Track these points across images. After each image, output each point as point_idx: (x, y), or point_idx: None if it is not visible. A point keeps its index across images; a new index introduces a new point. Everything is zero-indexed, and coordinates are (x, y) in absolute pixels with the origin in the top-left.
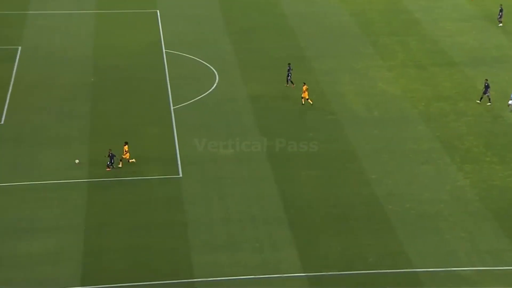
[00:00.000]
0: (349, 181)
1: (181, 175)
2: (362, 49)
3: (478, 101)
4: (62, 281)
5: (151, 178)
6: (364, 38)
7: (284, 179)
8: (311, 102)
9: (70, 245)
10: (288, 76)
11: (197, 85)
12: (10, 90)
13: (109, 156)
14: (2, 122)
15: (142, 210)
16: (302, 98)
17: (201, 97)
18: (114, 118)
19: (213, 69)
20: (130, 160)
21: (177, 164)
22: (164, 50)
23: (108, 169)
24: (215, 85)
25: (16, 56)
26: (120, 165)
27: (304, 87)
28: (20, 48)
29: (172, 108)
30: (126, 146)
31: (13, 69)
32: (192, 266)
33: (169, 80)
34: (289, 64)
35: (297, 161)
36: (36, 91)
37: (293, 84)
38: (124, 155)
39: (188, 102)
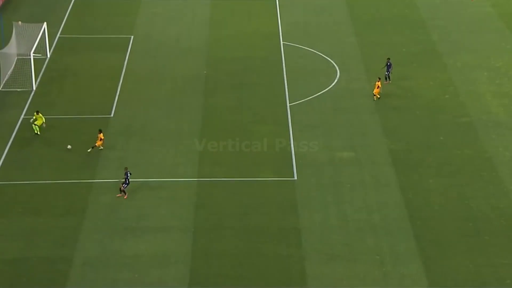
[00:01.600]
0: (484, 192)
1: (296, 178)
2: (504, 45)
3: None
4: (169, 285)
5: (263, 180)
6: (507, 33)
7: (410, 186)
8: (378, 97)
9: (178, 247)
10: (387, 72)
11: (316, 80)
12: (120, 82)
13: (125, 174)
14: (112, 115)
15: (254, 213)
16: (374, 94)
17: (320, 94)
18: (227, 113)
19: (334, 64)
20: (100, 148)
21: (292, 166)
22: (281, 42)
23: (119, 194)
24: (335, 81)
25: (128, 46)
26: (89, 150)
27: (379, 83)
28: (132, 37)
29: (288, 104)
30: (101, 134)
31: (124, 60)
32: (306, 276)
33: (286, 74)
34: (388, 59)
35: (425, 167)
36: (146, 83)
37: (389, 81)
38: (97, 142)
39: (306, 99)
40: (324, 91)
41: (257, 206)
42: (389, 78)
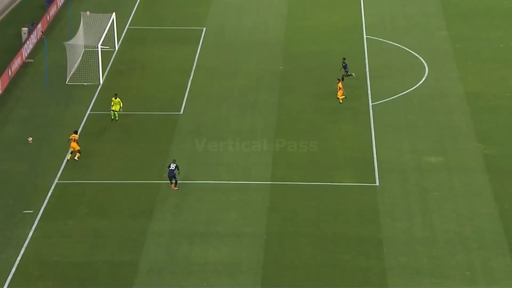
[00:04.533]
0: None
1: (378, 184)
2: None
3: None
4: None
5: (342, 185)
6: None
7: (506, 195)
8: (341, 99)
9: (249, 254)
10: (345, 72)
11: (402, 78)
12: (191, 77)
13: (169, 167)
14: (181, 112)
15: (331, 221)
16: (338, 98)
17: (406, 93)
18: (303, 112)
19: (422, 60)
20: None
21: (374, 171)
22: (365, 36)
23: (175, 187)
24: (423, 78)
25: (200, 38)
26: (76, 158)
27: (340, 84)
28: (204, 29)
29: (370, 104)
30: (76, 135)
31: (196, 53)
32: None
33: (369, 71)
34: (344, 58)
35: None
36: (218, 78)
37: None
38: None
39: (390, 98)
40: (410, 89)
41: (335, 213)
42: (342, 79)
